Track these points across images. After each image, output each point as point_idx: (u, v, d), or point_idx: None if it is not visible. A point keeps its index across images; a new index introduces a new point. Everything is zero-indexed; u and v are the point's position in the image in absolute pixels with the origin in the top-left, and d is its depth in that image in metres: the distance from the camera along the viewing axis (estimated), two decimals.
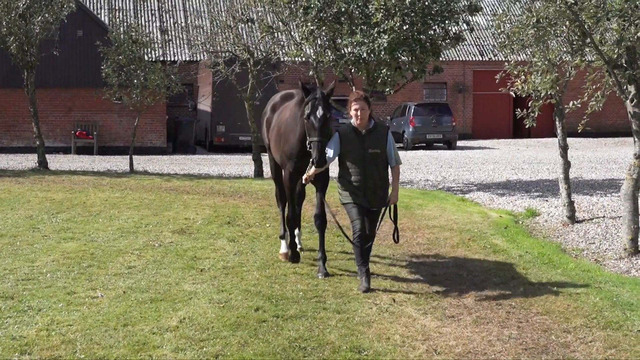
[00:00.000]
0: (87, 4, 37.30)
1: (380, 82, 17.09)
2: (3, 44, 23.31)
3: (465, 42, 22.54)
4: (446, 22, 17.84)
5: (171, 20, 39.44)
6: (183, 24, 37.78)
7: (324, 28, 17.57)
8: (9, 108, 32.66)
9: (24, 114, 30.25)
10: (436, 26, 17.76)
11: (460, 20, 18.40)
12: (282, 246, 10.22)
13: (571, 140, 15.50)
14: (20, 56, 23.45)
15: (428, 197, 16.61)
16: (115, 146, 32.86)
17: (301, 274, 9.27)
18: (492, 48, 39.22)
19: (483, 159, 28.53)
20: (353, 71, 18.00)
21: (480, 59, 41.46)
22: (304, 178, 9.06)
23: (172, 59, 33.82)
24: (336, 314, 7.57)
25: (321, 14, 17.11)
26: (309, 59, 19.34)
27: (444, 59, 20.61)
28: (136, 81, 23.72)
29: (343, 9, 16.94)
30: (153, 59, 26.88)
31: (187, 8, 40.67)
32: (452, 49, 21.46)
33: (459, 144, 36.62)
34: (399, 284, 8.84)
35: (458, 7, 17.91)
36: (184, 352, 6.43)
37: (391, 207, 8.96)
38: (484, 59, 41.20)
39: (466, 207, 15.56)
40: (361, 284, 8.60)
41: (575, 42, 11.65)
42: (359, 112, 8.76)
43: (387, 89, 17.39)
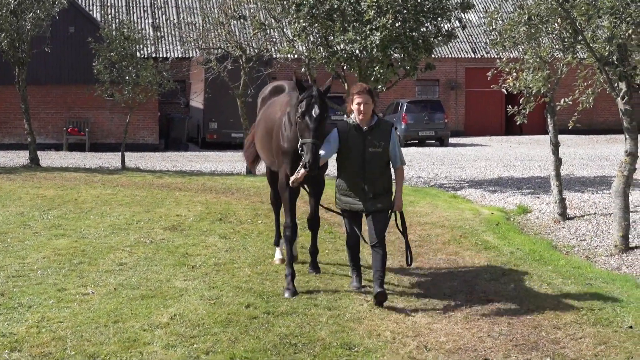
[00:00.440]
0: (79, 0, 37.20)
1: (373, 80, 17.09)
2: None
3: (457, 39, 22.60)
4: (438, 19, 17.87)
5: (163, 16, 39.38)
6: (175, 21, 37.72)
7: (316, 25, 17.58)
8: (0, 105, 32.57)
9: (15, 111, 30.19)
10: (428, 23, 17.79)
11: (453, 17, 18.43)
12: (276, 253, 9.76)
13: (563, 137, 15.56)
14: (11, 53, 23.37)
15: (420, 194, 16.62)
16: (107, 143, 32.81)
17: None
18: (485, 45, 39.26)
19: (475, 155, 28.57)
20: (345, 68, 18.01)
21: (473, 56, 41.50)
22: (291, 180, 8.18)
23: (164, 55, 33.79)
24: (327, 310, 7.57)
25: (313, 11, 17.11)
26: (301, 56, 19.35)
27: (436, 56, 20.69)
28: (128, 78, 23.68)
29: (335, 6, 16.94)
30: (145, 55, 26.84)
31: (179, 5, 40.61)
32: (444, 46, 21.48)
33: (451, 140, 36.66)
34: (389, 280, 8.83)
35: (450, 4, 17.94)
36: (174, 349, 6.42)
37: (397, 215, 8.22)
38: (476, 56, 41.24)
39: (458, 204, 15.58)
40: (352, 282, 8.46)
41: (567, 40, 11.67)
42: (362, 107, 8.01)
43: (380, 86, 17.39)
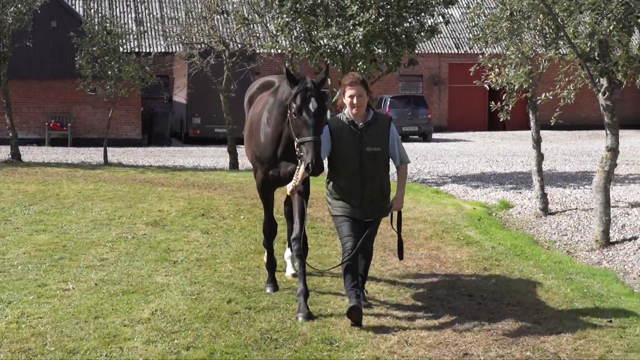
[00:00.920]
0: None
1: None
2: None
3: (440, 34, 22.62)
4: (421, 15, 17.90)
5: (146, 11, 39.19)
6: (158, 15, 37.55)
7: (299, 20, 17.58)
8: None
9: None
10: (411, 19, 17.82)
11: (436, 12, 18.46)
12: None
13: (546, 132, 15.63)
14: None
15: None
16: (89, 138, 32.64)
17: None
18: (468, 41, 39.32)
19: (458, 151, 28.63)
20: (328, 63, 18.01)
21: (456, 51, 41.56)
22: (289, 188, 7.38)
23: (147, 50, 33.62)
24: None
25: (297, 6, 17.10)
26: (285, 51, 19.32)
27: (419, 51, 20.68)
28: (110, 72, 23.60)
29: (319, 1, 16.95)
30: (128, 50, 26.73)
31: None
32: (427, 41, 21.54)
33: (435, 136, 36.73)
34: (371, 275, 8.83)
35: None
36: (155, 344, 6.40)
37: (394, 215, 7.62)
38: (459, 52, 41.30)
39: (440, 199, 15.62)
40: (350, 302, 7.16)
41: (549, 35, 11.72)
42: (355, 100, 7.23)
43: None
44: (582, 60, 10.96)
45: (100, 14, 29.62)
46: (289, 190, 7.41)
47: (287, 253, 8.85)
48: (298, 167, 7.23)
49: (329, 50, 17.26)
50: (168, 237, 10.90)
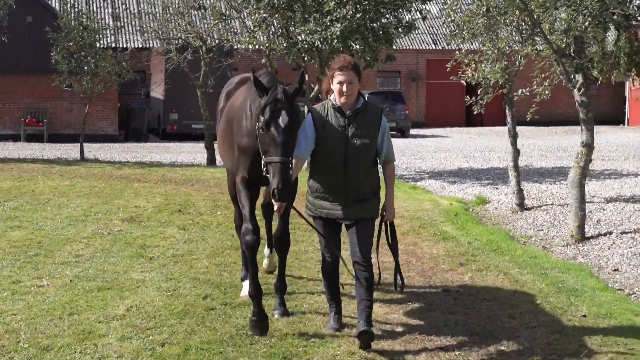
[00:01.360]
0: None
1: None
2: None
3: (418, 30, 22.67)
4: (399, 11, 17.91)
5: (123, 6, 38.97)
6: (135, 11, 37.35)
7: (276, 16, 17.55)
8: None
9: None
10: (389, 14, 17.83)
11: (413, 8, 18.49)
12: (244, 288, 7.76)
13: (523, 128, 15.71)
14: None
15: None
16: (65, 134, 32.42)
17: None
18: (445, 37, 39.41)
19: (435, 147, 28.71)
20: (306, 59, 17.99)
21: (434, 47, 41.66)
22: (276, 207, 6.48)
23: (124, 46, 33.45)
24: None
25: (274, 2, 17.08)
26: (262, 47, 19.28)
27: (397, 47, 20.74)
28: (87, 68, 23.47)
29: None
30: (104, 45, 26.55)
31: None
32: (405, 37, 21.54)
33: (412, 132, 36.81)
34: (347, 270, 8.80)
35: None
36: (129, 341, 6.37)
37: (387, 225, 6.67)
38: (437, 48, 41.41)
39: (417, 194, 15.65)
40: (329, 322, 6.79)
41: (525, 31, 11.77)
42: (344, 87, 6.38)
43: None
44: (557, 56, 11.01)
45: (76, 9, 29.41)
46: (275, 209, 6.52)
47: (265, 251, 8.51)
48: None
49: (306, 46, 17.24)
50: (144, 233, 10.85)
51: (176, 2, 26.16)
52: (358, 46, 17.53)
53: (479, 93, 13.21)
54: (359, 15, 16.79)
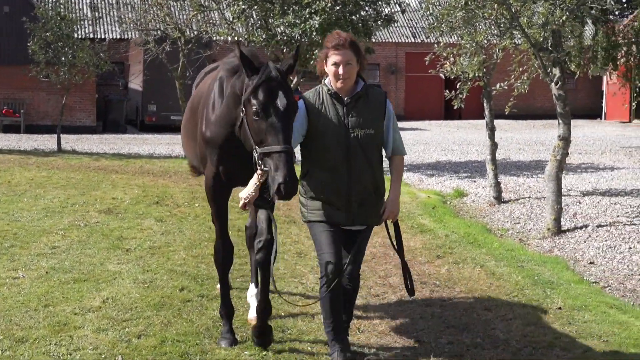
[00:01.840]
0: None
1: (312, 63, 17.07)
2: None
3: (397, 23, 22.68)
4: (378, 3, 17.92)
5: None
6: (113, 1, 37.08)
7: (255, 7, 17.51)
8: None
9: None
10: (368, 7, 17.83)
11: (392, 1, 18.50)
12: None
13: (501, 122, 15.77)
14: None
15: None
16: (42, 125, 32.16)
17: None
18: (424, 30, 39.46)
19: (414, 140, 28.73)
20: (285, 51, 17.96)
21: (413, 40, 41.68)
22: (242, 200, 5.43)
23: (102, 36, 33.22)
24: None
25: None
26: (241, 39, 19.21)
27: (376, 40, 20.73)
28: (64, 59, 23.27)
29: None
30: (82, 36, 26.36)
31: None
32: (384, 30, 21.57)
33: None
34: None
35: None
36: (105, 333, 6.34)
37: (390, 225, 5.83)
38: (416, 41, 41.41)
39: None
40: (332, 356, 5.56)
41: (503, 25, 11.79)
42: (341, 69, 5.45)
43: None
44: (535, 50, 11.06)
45: None
46: (240, 203, 5.47)
47: (252, 290, 6.94)
48: (257, 175, 5.39)
49: (285, 38, 17.21)
50: (121, 225, 10.81)
51: None
52: None
53: (457, 87, 13.24)
54: (338, 8, 16.78)
